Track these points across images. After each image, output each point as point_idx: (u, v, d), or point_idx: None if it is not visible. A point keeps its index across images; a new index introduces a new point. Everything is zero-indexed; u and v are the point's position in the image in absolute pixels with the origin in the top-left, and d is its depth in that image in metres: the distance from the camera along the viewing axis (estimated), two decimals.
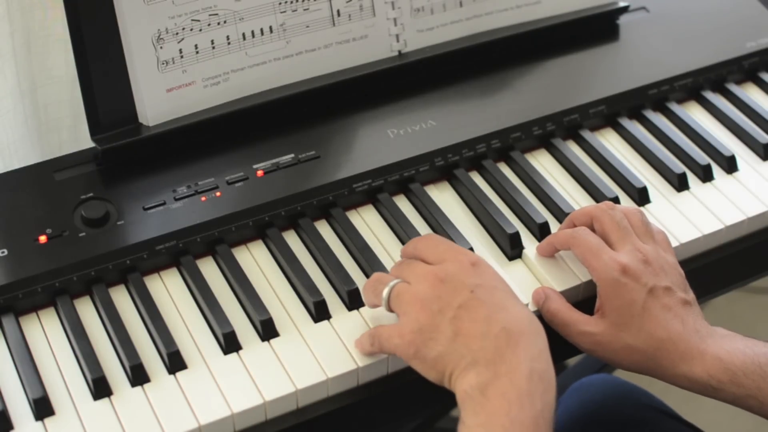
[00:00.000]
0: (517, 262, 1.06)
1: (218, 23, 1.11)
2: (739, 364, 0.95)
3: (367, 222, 1.10)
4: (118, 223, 1.04)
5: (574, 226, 1.04)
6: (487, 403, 0.85)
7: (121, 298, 1.01)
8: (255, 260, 1.05)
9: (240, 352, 0.97)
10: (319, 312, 1.00)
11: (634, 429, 1.18)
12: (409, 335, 0.91)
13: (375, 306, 0.98)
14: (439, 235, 1.00)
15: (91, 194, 1.06)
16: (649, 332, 0.96)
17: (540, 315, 1.01)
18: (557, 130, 1.19)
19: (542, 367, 0.87)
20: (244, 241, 1.07)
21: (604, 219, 1.02)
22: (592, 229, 1.03)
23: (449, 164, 1.13)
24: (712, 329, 0.98)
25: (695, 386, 0.96)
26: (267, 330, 0.98)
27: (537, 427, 0.84)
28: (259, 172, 1.09)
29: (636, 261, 0.98)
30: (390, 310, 0.95)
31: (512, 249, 1.07)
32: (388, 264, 1.04)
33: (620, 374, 1.39)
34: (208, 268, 1.04)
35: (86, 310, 1.00)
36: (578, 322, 0.99)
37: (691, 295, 1.00)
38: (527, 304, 1.02)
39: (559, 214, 1.11)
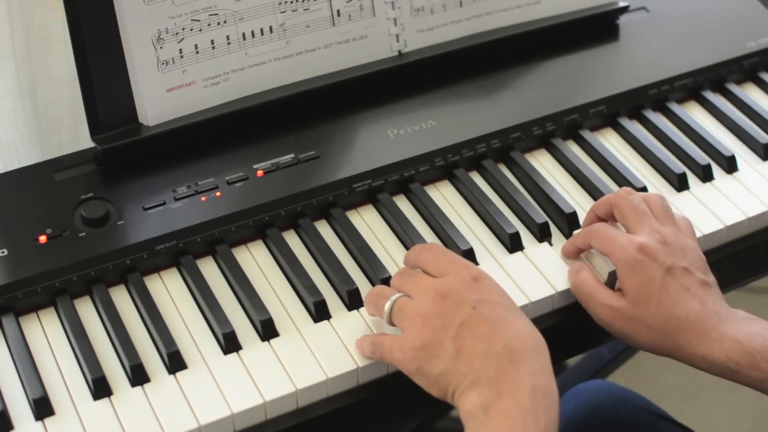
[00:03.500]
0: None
1: (218, 23, 1.11)
2: (759, 347, 0.94)
3: (367, 222, 1.10)
4: (118, 223, 1.04)
5: (596, 215, 1.06)
6: (491, 422, 0.85)
7: (121, 298, 1.01)
8: (255, 260, 1.05)
9: (240, 352, 0.97)
10: (319, 312, 1.00)
11: None
12: (411, 351, 0.91)
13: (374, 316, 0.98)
14: (441, 246, 1.00)
15: (91, 194, 1.06)
16: (668, 310, 0.96)
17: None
18: (557, 130, 1.19)
19: (544, 383, 0.87)
20: (244, 241, 1.07)
21: (622, 204, 1.03)
22: (613, 219, 1.04)
23: (449, 164, 1.13)
24: (732, 311, 0.98)
25: (713, 368, 0.96)
26: (267, 330, 0.98)
27: None
28: (259, 172, 1.09)
29: (653, 241, 0.99)
30: (392, 323, 0.95)
31: (512, 248, 1.07)
32: (388, 264, 1.04)
33: (616, 380, 1.39)
34: (208, 268, 1.04)
35: (86, 310, 1.00)
36: (602, 294, 0.99)
37: (711, 278, 1.00)
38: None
39: (559, 214, 1.10)
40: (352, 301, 1.01)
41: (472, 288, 0.92)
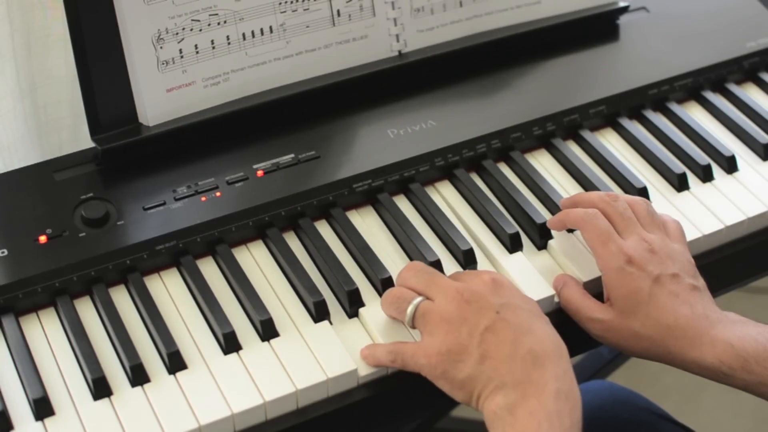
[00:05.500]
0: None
1: (218, 23, 1.11)
2: (751, 350, 0.94)
3: (367, 222, 1.10)
4: (118, 223, 1.04)
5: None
6: (516, 422, 0.86)
7: (121, 298, 1.01)
8: (255, 260, 1.05)
9: (240, 352, 0.97)
10: (319, 312, 1.00)
11: None
12: (437, 357, 0.91)
13: (394, 318, 0.98)
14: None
15: (91, 194, 1.06)
16: (657, 319, 0.96)
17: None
18: (557, 130, 1.19)
19: (568, 386, 0.88)
20: (244, 241, 1.07)
21: (608, 210, 1.02)
22: None
23: (449, 164, 1.13)
24: (723, 314, 0.98)
25: (706, 372, 0.96)
26: (267, 330, 0.98)
27: None
28: (259, 172, 1.09)
29: (641, 250, 0.98)
30: (413, 326, 0.95)
31: (512, 249, 1.07)
32: (388, 264, 1.04)
33: (616, 380, 1.39)
34: (208, 268, 1.04)
35: (86, 310, 1.00)
36: (588, 309, 0.99)
37: (701, 282, 1.00)
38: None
39: None
40: (353, 301, 1.01)
41: (494, 292, 0.93)
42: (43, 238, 1.02)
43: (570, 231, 1.09)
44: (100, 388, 0.93)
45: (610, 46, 1.29)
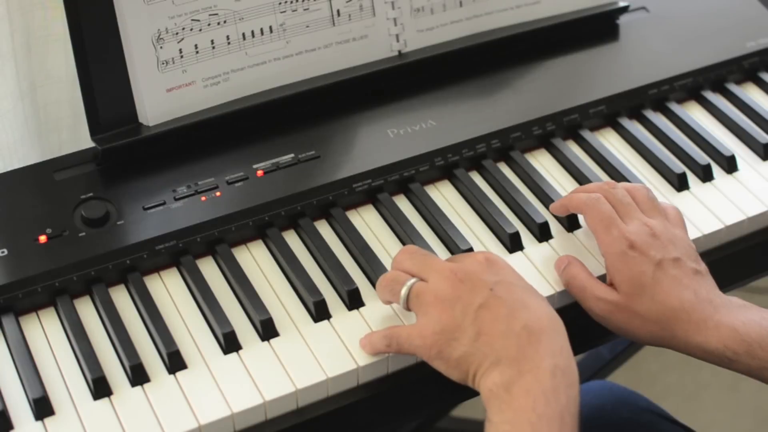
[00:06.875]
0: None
1: (218, 23, 1.11)
2: (755, 336, 0.94)
3: (367, 222, 1.10)
4: (118, 223, 1.04)
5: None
6: (513, 400, 0.86)
7: (121, 298, 1.01)
8: (255, 260, 1.05)
9: (240, 352, 0.97)
10: (319, 312, 1.00)
11: None
12: (432, 337, 0.91)
13: (389, 303, 0.98)
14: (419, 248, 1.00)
15: (91, 194, 1.06)
16: (662, 302, 0.96)
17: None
18: (557, 130, 1.19)
19: (565, 362, 0.88)
20: (244, 241, 1.07)
21: (607, 197, 1.03)
22: None
23: (449, 164, 1.13)
24: (728, 299, 0.98)
25: (710, 357, 0.96)
26: (267, 330, 0.98)
27: (563, 421, 0.85)
28: (259, 172, 1.09)
29: (643, 234, 0.99)
30: (408, 308, 0.95)
31: (512, 248, 1.07)
32: (388, 264, 1.04)
33: (616, 380, 1.39)
34: (208, 268, 1.04)
35: (86, 310, 1.00)
36: (595, 288, 0.99)
37: (702, 266, 1.00)
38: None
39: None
40: (352, 301, 1.01)
41: (488, 270, 0.93)
42: (43, 238, 1.02)
43: (570, 231, 1.09)
44: (100, 388, 0.93)
45: (609, 46, 1.29)
